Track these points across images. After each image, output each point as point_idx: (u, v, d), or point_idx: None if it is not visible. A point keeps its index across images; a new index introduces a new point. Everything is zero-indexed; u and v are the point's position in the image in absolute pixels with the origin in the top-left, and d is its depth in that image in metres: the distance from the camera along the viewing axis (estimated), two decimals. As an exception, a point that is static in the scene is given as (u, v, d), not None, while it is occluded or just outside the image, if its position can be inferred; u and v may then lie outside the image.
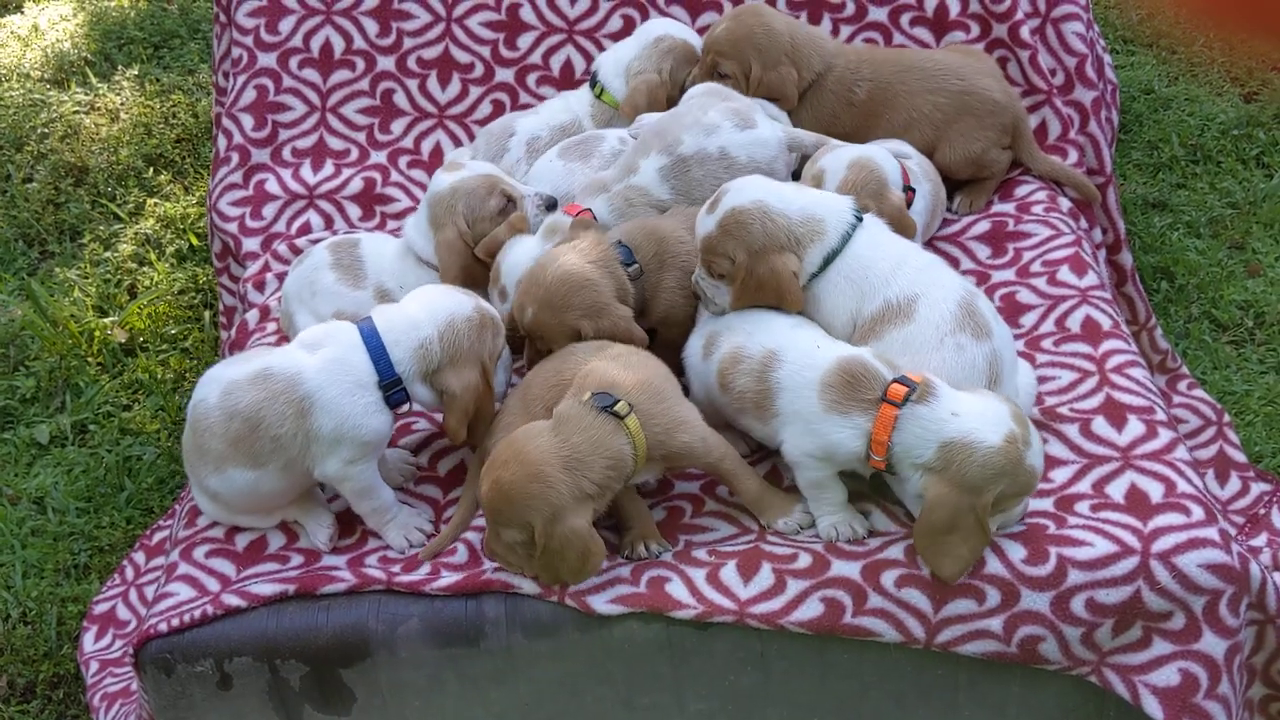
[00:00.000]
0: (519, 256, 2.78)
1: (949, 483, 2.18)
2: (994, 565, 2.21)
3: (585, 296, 2.59)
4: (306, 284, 2.96)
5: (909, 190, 2.86)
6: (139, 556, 3.25)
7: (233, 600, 2.39)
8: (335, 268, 2.94)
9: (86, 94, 4.85)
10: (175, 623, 2.38)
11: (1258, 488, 3.09)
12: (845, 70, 3.19)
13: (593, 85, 3.30)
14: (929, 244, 3.05)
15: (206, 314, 3.96)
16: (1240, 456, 3.17)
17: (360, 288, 2.93)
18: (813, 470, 2.35)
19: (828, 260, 2.50)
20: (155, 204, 4.35)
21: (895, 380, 2.26)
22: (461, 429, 2.49)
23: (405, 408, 2.53)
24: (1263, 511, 3.02)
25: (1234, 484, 3.10)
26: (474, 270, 2.87)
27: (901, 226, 2.68)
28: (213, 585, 2.46)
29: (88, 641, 3.05)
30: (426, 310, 2.51)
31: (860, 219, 2.54)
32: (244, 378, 2.44)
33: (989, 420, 2.19)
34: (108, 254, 4.20)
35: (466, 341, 2.50)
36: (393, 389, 2.46)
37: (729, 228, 2.49)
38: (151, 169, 4.50)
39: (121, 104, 4.77)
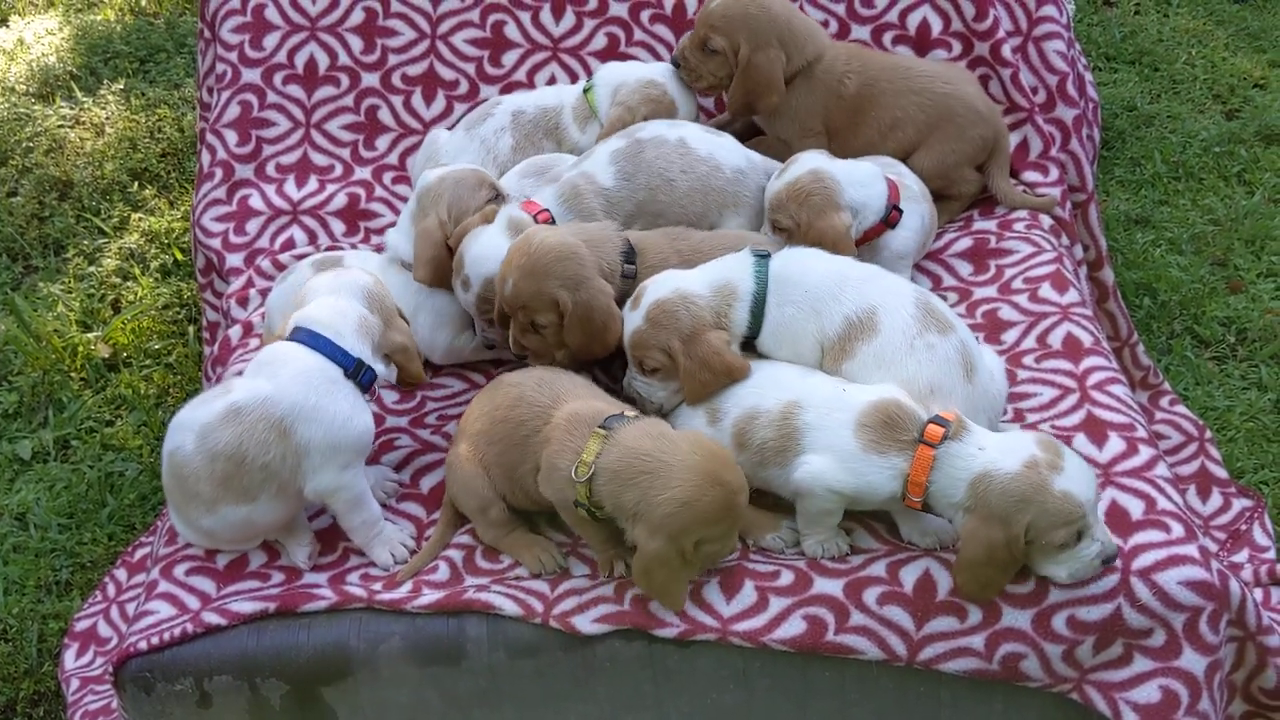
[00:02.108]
0: (484, 248, 2.75)
1: (978, 517, 2.17)
2: (975, 583, 2.22)
3: (567, 267, 2.59)
4: (290, 300, 2.95)
5: (895, 210, 2.87)
6: (121, 573, 3.23)
7: (213, 618, 2.38)
8: None
9: (72, 108, 4.84)
10: (155, 641, 2.37)
11: (1239, 504, 3.10)
12: (835, 60, 3.19)
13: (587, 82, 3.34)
14: (917, 265, 3.07)
15: (191, 329, 3.95)
16: (1222, 472, 3.19)
17: None
18: (829, 502, 2.33)
19: (757, 307, 2.52)
20: (140, 218, 4.34)
21: (932, 420, 2.26)
22: (423, 371, 2.64)
23: (374, 389, 2.54)
24: (1244, 527, 3.03)
25: (1215, 500, 3.11)
26: (445, 264, 2.84)
27: (835, 250, 2.68)
28: (193, 603, 2.45)
29: (69, 659, 3.03)
30: (342, 295, 2.54)
31: (765, 255, 2.57)
32: (215, 418, 2.42)
33: (1008, 448, 2.19)
34: (92, 268, 4.19)
35: (389, 300, 2.62)
36: (359, 373, 2.46)
37: (657, 319, 2.51)
38: (136, 183, 4.49)
39: (107, 118, 4.76)
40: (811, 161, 2.83)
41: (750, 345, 2.56)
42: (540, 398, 2.44)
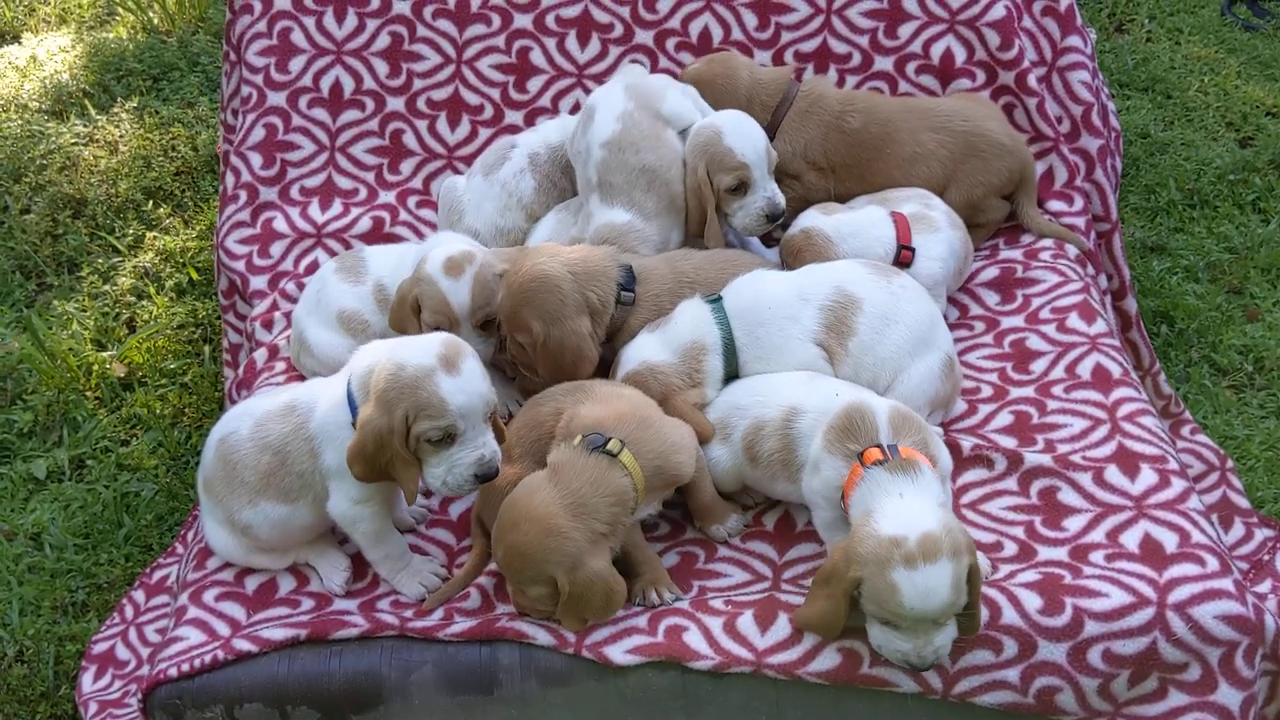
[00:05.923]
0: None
1: (844, 547, 2.16)
2: (1011, 615, 2.21)
3: (546, 300, 2.63)
4: (315, 297, 3.02)
5: (905, 249, 2.90)
6: (138, 595, 3.21)
7: (243, 645, 2.37)
8: (339, 270, 3.03)
9: (85, 125, 4.83)
10: (185, 668, 2.36)
11: (1261, 533, 3.10)
12: (831, 99, 3.24)
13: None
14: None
15: (206, 348, 3.94)
16: (1243, 502, 3.19)
17: (360, 284, 2.99)
18: (825, 510, 2.37)
19: (729, 350, 2.61)
20: (154, 237, 4.33)
21: (877, 445, 2.25)
22: (354, 460, 2.30)
23: None
24: (1266, 557, 3.03)
25: (1238, 530, 3.11)
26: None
27: None
28: (223, 629, 2.44)
29: (86, 682, 3.01)
30: (387, 345, 2.40)
31: (717, 298, 2.67)
32: (275, 410, 2.47)
33: (909, 518, 2.12)
34: (106, 287, 4.18)
35: (383, 384, 2.29)
36: None
37: None
38: (151, 202, 4.48)
39: (120, 136, 4.75)
40: (806, 220, 2.97)
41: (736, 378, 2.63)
42: (566, 401, 2.50)
